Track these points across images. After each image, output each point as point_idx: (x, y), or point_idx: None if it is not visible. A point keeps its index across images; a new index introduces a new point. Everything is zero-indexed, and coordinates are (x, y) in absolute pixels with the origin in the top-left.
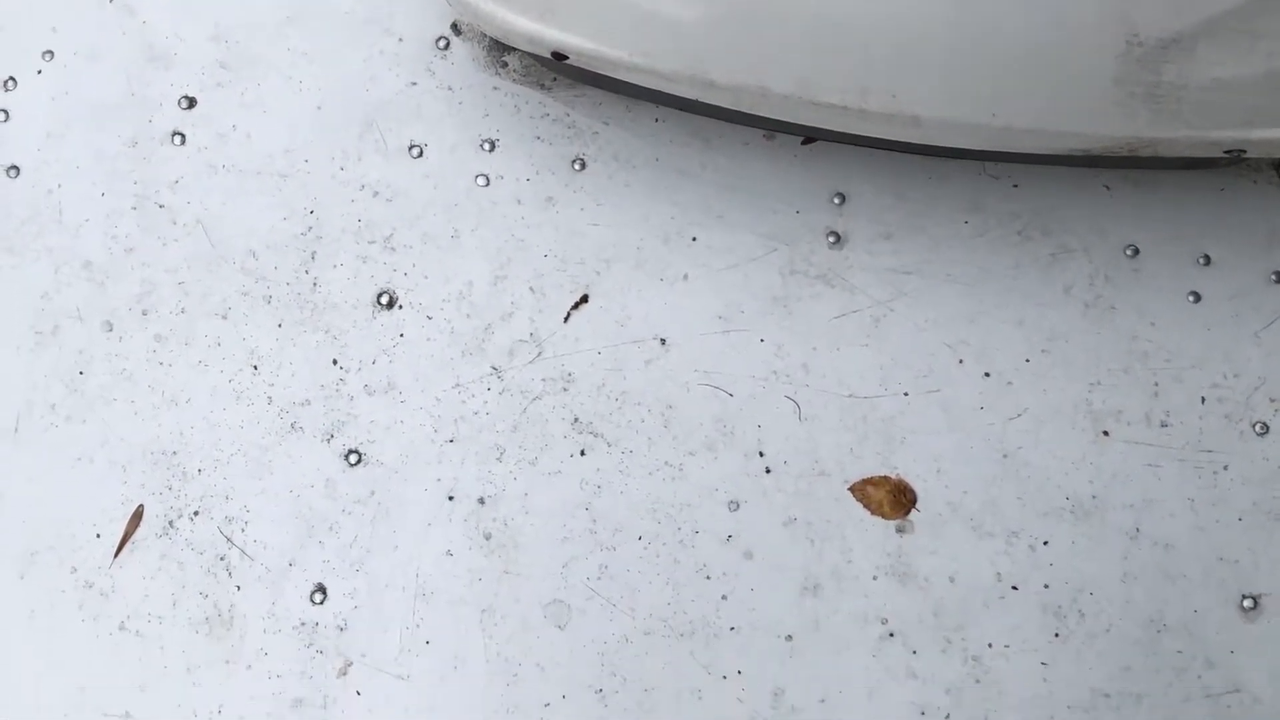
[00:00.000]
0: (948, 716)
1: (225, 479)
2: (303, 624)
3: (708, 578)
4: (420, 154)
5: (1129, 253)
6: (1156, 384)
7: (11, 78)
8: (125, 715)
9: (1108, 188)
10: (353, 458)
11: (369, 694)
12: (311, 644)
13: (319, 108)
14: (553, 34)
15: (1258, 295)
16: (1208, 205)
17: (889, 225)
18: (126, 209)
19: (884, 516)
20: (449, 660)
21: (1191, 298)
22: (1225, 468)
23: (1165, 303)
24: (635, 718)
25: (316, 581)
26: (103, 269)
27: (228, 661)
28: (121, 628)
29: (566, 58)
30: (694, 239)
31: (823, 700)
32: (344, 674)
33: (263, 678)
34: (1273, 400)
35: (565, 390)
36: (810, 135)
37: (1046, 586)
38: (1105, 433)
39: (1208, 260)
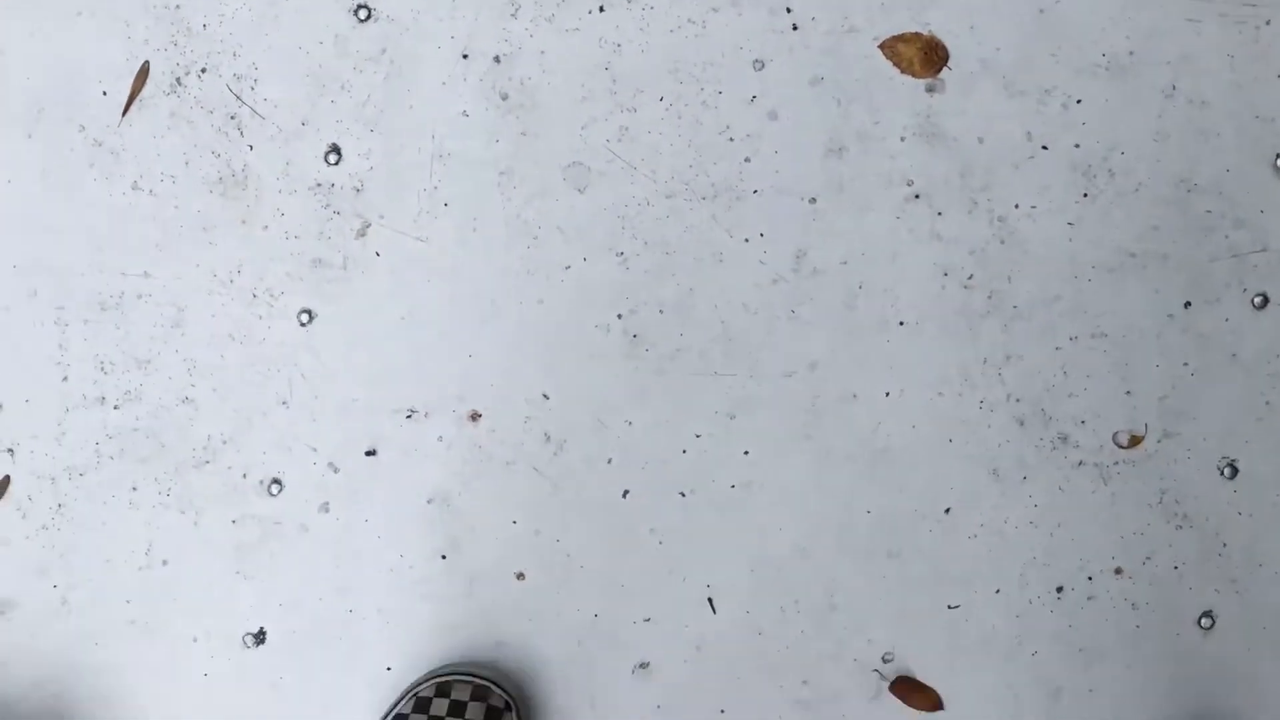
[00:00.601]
0: (971, 277)
1: (231, 34)
2: (318, 185)
3: (731, 139)
4: None
5: None
6: None
7: None
8: (144, 274)
9: None
10: (362, 13)
11: (388, 255)
12: (328, 205)
13: None
14: None
15: None
16: None
17: None
18: None
19: (914, 75)
20: (468, 222)
21: None
22: (1268, 23)
23: None
24: (656, 280)
25: (330, 142)
26: None
27: (244, 221)
28: (135, 187)
29: None
30: None
31: (844, 262)
32: (362, 235)
33: (280, 238)
34: None
35: None
36: None
37: (1077, 146)
38: None
39: None
